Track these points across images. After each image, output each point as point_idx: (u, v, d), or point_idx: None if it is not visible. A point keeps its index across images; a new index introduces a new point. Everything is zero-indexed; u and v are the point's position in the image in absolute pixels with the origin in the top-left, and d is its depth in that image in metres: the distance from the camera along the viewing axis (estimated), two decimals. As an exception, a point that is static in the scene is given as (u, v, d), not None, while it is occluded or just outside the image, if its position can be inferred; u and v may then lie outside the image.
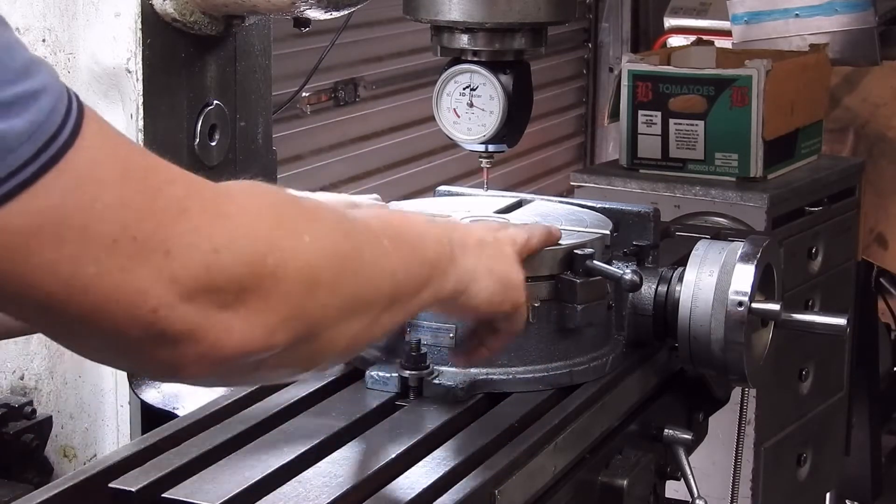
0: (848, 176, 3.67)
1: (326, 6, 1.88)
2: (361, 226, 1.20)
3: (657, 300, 1.73)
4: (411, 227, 1.31)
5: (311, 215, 1.12)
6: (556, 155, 5.15)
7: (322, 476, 1.34)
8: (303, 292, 1.07)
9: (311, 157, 3.80)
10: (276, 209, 1.08)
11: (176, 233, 0.97)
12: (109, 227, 0.94)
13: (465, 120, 1.77)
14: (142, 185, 0.97)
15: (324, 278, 1.10)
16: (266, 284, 1.03)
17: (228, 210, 1.03)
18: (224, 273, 1.00)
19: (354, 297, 1.15)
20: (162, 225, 0.97)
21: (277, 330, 1.05)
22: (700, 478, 1.79)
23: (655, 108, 3.41)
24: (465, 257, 1.37)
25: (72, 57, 1.88)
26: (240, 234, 1.02)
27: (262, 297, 1.03)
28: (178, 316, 0.98)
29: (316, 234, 1.10)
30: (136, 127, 1.88)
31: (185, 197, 1.00)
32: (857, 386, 4.00)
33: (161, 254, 0.96)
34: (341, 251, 1.13)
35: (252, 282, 1.02)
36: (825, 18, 3.94)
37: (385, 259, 1.22)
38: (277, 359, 1.08)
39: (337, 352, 1.18)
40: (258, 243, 1.03)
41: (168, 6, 1.86)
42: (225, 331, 1.01)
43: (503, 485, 1.38)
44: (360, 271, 1.16)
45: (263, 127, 2.10)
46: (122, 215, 0.95)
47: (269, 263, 1.03)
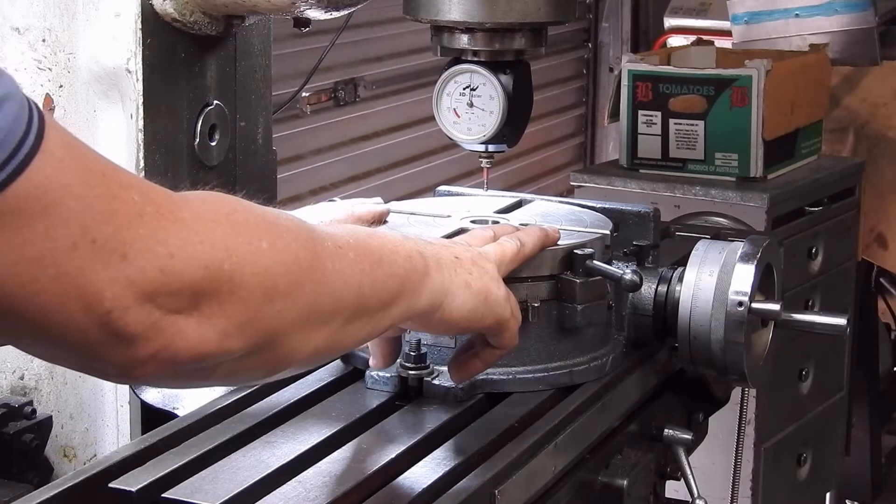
0: (848, 176, 3.67)
1: (326, 6, 1.88)
2: (326, 237, 1.20)
3: (657, 300, 1.73)
4: (381, 243, 1.31)
5: (270, 223, 1.13)
6: (556, 155, 5.15)
7: (322, 476, 1.34)
8: (259, 299, 1.08)
9: (311, 157, 3.81)
10: (232, 217, 1.08)
11: (132, 237, 0.99)
12: (70, 231, 0.96)
13: (465, 120, 1.77)
14: (101, 190, 0.98)
15: (281, 285, 1.10)
16: (222, 289, 1.04)
17: (183, 216, 1.03)
18: (179, 277, 1.01)
19: (314, 307, 1.15)
20: (119, 229, 0.98)
21: (232, 335, 1.06)
22: (700, 478, 1.79)
23: (655, 108, 3.41)
24: (439, 273, 1.36)
25: (72, 57, 1.88)
26: (195, 240, 1.03)
27: (217, 301, 1.04)
28: (132, 317, 0.99)
29: (274, 241, 1.11)
30: (136, 127, 1.88)
31: (141, 202, 1.01)
32: (857, 386, 4.00)
33: (118, 257, 0.98)
34: (301, 260, 1.14)
35: (207, 286, 1.03)
36: (825, 18, 3.94)
37: (349, 270, 1.21)
38: (235, 364, 1.10)
39: (298, 360, 1.18)
40: (215, 249, 1.04)
41: (168, 6, 1.86)
42: (179, 334, 1.02)
43: (503, 485, 1.38)
44: (321, 281, 1.16)
45: (263, 127, 2.10)
46: (83, 219, 0.97)
47: (226, 269, 1.05)
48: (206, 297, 1.03)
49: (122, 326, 0.99)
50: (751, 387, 1.85)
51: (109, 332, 0.99)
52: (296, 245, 1.14)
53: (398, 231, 1.65)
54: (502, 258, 1.50)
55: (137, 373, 1.03)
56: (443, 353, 1.59)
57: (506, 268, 1.49)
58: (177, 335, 1.02)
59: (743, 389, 2.09)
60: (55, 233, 0.95)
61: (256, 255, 1.08)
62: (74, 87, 1.88)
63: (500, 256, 1.49)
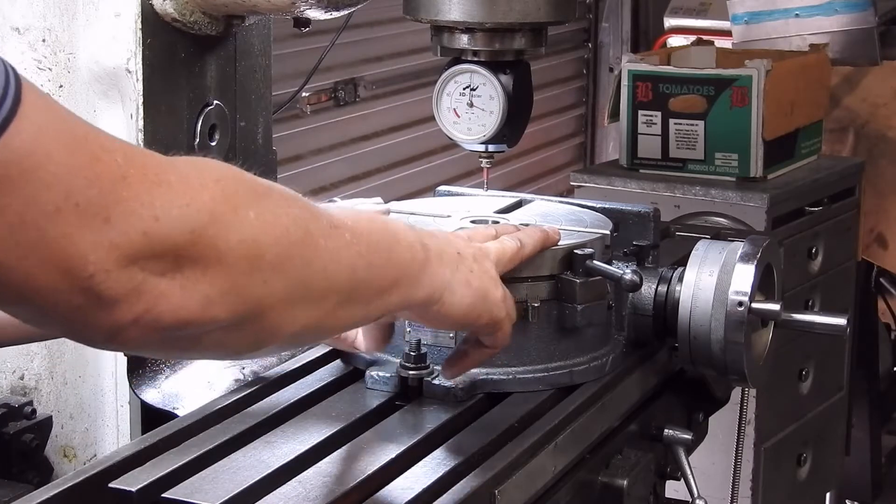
0: (848, 176, 3.67)
1: (326, 6, 1.88)
2: (321, 215, 1.19)
3: (657, 300, 1.73)
4: (384, 229, 1.29)
5: (260, 193, 1.11)
6: (556, 155, 5.15)
7: (322, 476, 1.34)
8: (244, 268, 1.06)
9: (311, 157, 3.81)
10: (221, 183, 1.07)
11: (115, 199, 0.98)
12: (53, 195, 0.95)
13: (465, 120, 1.77)
14: (84, 153, 0.97)
15: (268, 256, 1.09)
16: (206, 255, 1.03)
17: (169, 178, 1.02)
18: (163, 240, 1.00)
19: (303, 283, 1.14)
20: (103, 192, 0.97)
21: (216, 302, 1.05)
22: (700, 478, 1.79)
23: (655, 108, 3.41)
24: (441, 266, 1.35)
25: (72, 57, 1.88)
26: (181, 203, 1.02)
27: (201, 267, 1.03)
28: (114, 281, 0.98)
29: (263, 211, 1.09)
30: (136, 127, 1.88)
31: (125, 164, 0.99)
32: (857, 386, 4.00)
33: (101, 220, 0.97)
34: (291, 234, 1.12)
35: (192, 251, 1.02)
36: (825, 18, 3.94)
37: (344, 251, 1.20)
38: (222, 334, 1.08)
39: (284, 337, 1.17)
40: (200, 213, 1.03)
41: (168, 6, 1.86)
42: (162, 297, 1.01)
43: (503, 485, 1.38)
44: (312, 258, 1.15)
45: (263, 127, 2.10)
46: (66, 183, 0.96)
47: (210, 234, 1.03)
48: (191, 261, 1.02)
49: (105, 290, 0.98)
50: (751, 387, 1.85)
51: (92, 295, 0.98)
52: (286, 218, 1.12)
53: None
54: (501, 256, 1.49)
55: (122, 337, 1.02)
56: (443, 353, 1.59)
57: (503, 267, 1.49)
58: (160, 298, 1.01)
59: (743, 389, 2.09)
60: (38, 197, 0.94)
61: (243, 224, 1.07)
62: (74, 87, 1.88)
63: (499, 255, 1.49)
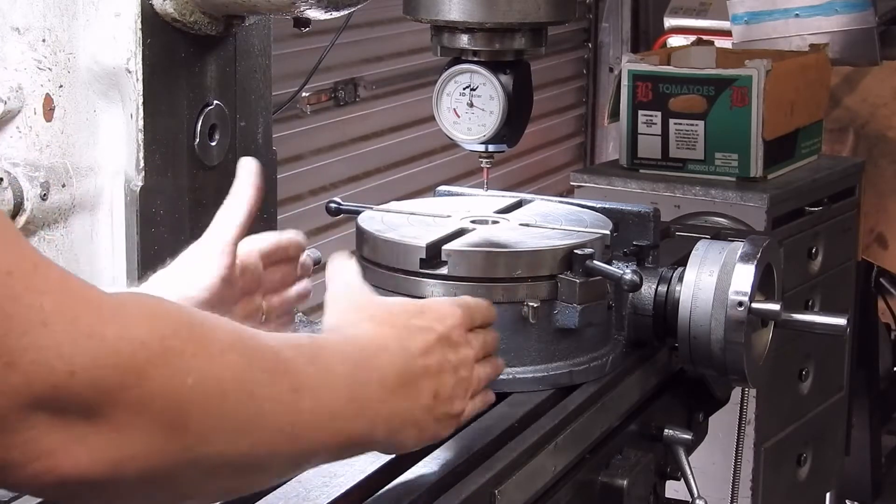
0: (848, 176, 3.67)
1: (326, 6, 1.88)
2: (274, 380, 1.07)
3: (657, 300, 1.73)
4: (351, 385, 1.17)
5: (211, 357, 1.01)
6: (556, 155, 5.15)
7: (322, 476, 1.34)
8: (164, 433, 0.97)
9: (311, 157, 3.80)
10: (166, 343, 0.97)
11: (24, 345, 0.89)
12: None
13: (465, 120, 1.77)
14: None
15: (193, 426, 0.99)
16: (122, 414, 0.94)
17: (104, 331, 0.93)
18: (76, 395, 0.91)
19: (231, 454, 1.04)
20: (11, 335, 0.88)
21: (125, 463, 0.96)
22: (700, 478, 1.79)
23: (655, 108, 3.41)
24: (389, 437, 1.24)
25: (72, 57, 1.87)
26: (108, 361, 0.93)
27: (113, 425, 0.94)
28: (10, 428, 0.90)
29: (204, 379, 0.99)
30: (136, 127, 1.88)
31: (53, 310, 0.91)
32: (857, 386, 4.01)
33: (1, 364, 0.88)
34: (231, 402, 1.02)
35: (107, 409, 0.93)
36: (825, 18, 3.94)
37: (289, 418, 1.09)
38: (129, 494, 1.00)
39: (200, 500, 1.09)
40: (126, 374, 0.94)
41: (168, 6, 1.86)
42: (65, 453, 0.92)
43: (503, 485, 1.38)
44: (248, 427, 1.04)
45: (263, 127, 2.10)
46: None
47: (131, 396, 0.94)
48: (104, 419, 0.93)
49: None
50: (751, 387, 1.85)
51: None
52: (228, 384, 1.02)
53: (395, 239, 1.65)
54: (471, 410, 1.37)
55: (17, 484, 0.94)
56: (443, 353, 1.59)
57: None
58: (62, 454, 0.92)
59: (743, 389, 2.09)
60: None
61: (175, 390, 0.97)
62: (74, 87, 1.88)
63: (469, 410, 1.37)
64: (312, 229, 3.70)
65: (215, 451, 1.02)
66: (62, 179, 1.87)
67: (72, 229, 1.90)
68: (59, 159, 1.87)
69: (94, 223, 1.92)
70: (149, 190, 1.90)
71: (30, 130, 1.85)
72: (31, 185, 1.83)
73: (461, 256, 1.60)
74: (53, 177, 1.86)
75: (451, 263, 1.60)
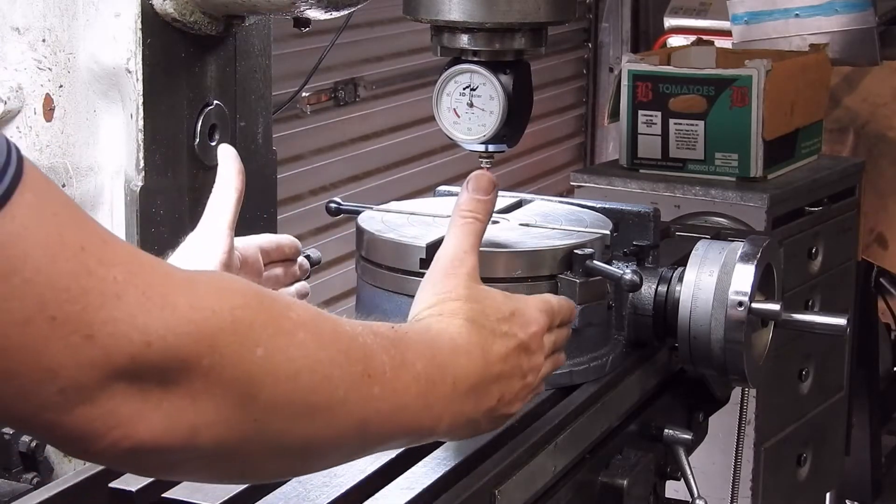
0: (848, 176, 3.67)
1: (326, 6, 1.88)
2: (361, 362, 1.09)
3: (657, 300, 1.73)
4: (427, 395, 1.18)
5: (283, 329, 1.02)
6: (556, 155, 5.15)
7: (322, 476, 1.34)
8: (235, 403, 0.99)
9: (311, 157, 3.81)
10: (237, 312, 0.99)
11: (103, 318, 0.91)
12: (24, 305, 0.88)
13: (465, 120, 1.77)
14: (72, 265, 0.90)
15: (262, 399, 1.00)
16: (196, 384, 0.96)
17: (176, 301, 0.95)
18: (152, 364, 0.93)
19: (298, 437, 1.05)
20: (88, 308, 0.90)
21: (201, 432, 0.97)
22: (700, 478, 1.79)
23: (655, 108, 3.41)
24: (463, 418, 1.25)
25: (72, 57, 1.88)
26: (182, 329, 0.94)
27: (189, 395, 0.96)
28: (90, 400, 0.91)
29: (275, 351, 1.01)
30: (137, 127, 1.88)
31: (125, 281, 0.92)
32: (857, 386, 4.00)
33: (81, 336, 0.90)
34: (301, 380, 1.03)
35: (181, 377, 0.95)
36: (825, 18, 3.94)
37: (363, 407, 1.10)
38: (202, 463, 1.02)
39: (269, 477, 1.12)
40: (199, 343, 0.96)
41: (168, 6, 1.86)
42: (143, 421, 0.94)
43: (503, 485, 1.38)
44: (318, 412, 1.05)
45: (263, 127, 2.10)
46: (42, 293, 0.88)
47: (204, 364, 0.96)
48: (178, 388, 0.95)
49: (79, 409, 0.91)
50: (751, 387, 1.85)
51: (64, 412, 0.91)
52: (302, 361, 1.03)
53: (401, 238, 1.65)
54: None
55: (96, 454, 0.95)
56: (443, 353, 1.59)
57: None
58: (140, 422, 0.94)
59: (743, 389, 2.09)
60: (7, 304, 0.87)
61: (244, 359, 0.99)
62: (74, 87, 1.88)
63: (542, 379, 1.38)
64: (312, 229, 3.70)
65: (284, 427, 1.03)
66: (62, 179, 1.87)
67: (72, 229, 1.89)
68: (59, 159, 1.87)
69: (94, 223, 1.92)
70: (149, 190, 1.90)
71: (30, 130, 1.85)
72: (31, 185, 1.83)
73: (461, 256, 1.60)
74: (53, 177, 1.86)
75: (451, 263, 1.60)
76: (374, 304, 1.65)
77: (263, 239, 1.66)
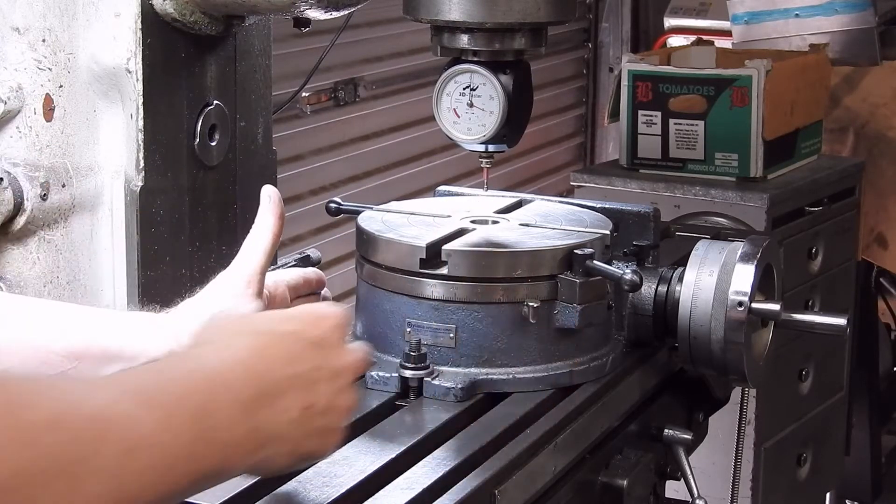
0: (848, 176, 3.67)
1: (326, 6, 1.88)
2: (93, 443, 0.96)
3: (657, 300, 1.73)
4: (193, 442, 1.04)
5: (19, 440, 0.92)
6: (556, 155, 5.15)
7: (322, 476, 1.34)
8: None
9: (311, 157, 3.81)
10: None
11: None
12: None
13: (465, 120, 1.77)
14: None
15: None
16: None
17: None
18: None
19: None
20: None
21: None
22: (700, 478, 1.79)
23: (655, 108, 3.41)
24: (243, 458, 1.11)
25: (72, 57, 1.88)
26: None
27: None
28: None
29: (17, 466, 0.90)
30: (136, 127, 1.88)
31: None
32: (857, 386, 4.00)
33: None
34: (49, 492, 0.92)
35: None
36: (825, 18, 3.94)
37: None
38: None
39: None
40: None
41: (168, 6, 1.86)
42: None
43: (503, 485, 1.38)
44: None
45: (263, 127, 2.10)
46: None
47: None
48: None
49: None
50: (751, 387, 1.85)
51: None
52: (55, 482, 0.92)
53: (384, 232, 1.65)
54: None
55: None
56: (443, 353, 1.59)
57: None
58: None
59: (743, 389, 2.09)
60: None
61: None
62: (74, 87, 1.88)
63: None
64: (312, 229, 3.71)
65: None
66: (62, 179, 1.87)
67: (72, 229, 1.90)
68: (59, 159, 1.87)
69: (94, 223, 1.92)
70: (149, 190, 1.90)
71: (30, 130, 1.85)
72: (31, 185, 1.83)
73: (461, 256, 1.60)
74: (53, 177, 1.86)
75: (452, 263, 1.60)
76: (374, 304, 1.65)
77: (291, 275, 1.65)
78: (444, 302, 1.60)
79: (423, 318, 1.60)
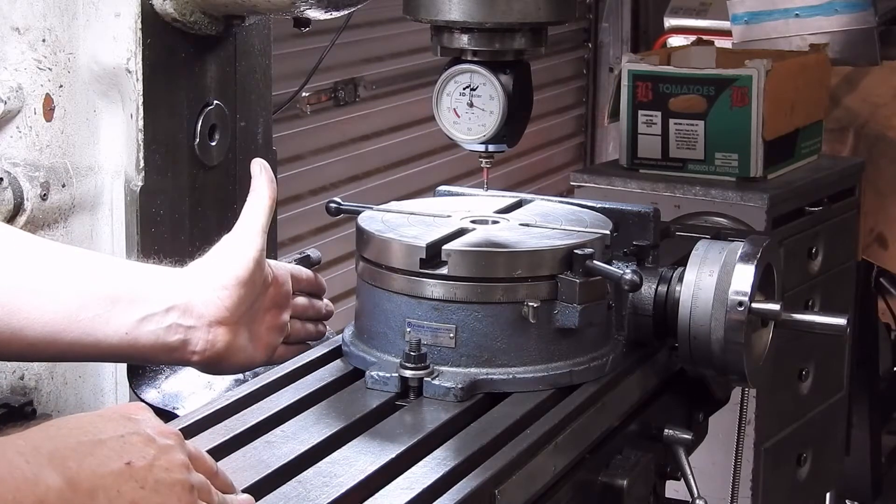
0: (848, 176, 3.68)
1: (326, 6, 1.88)
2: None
3: (657, 300, 1.73)
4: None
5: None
6: (556, 155, 5.15)
7: (322, 476, 1.34)
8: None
9: (311, 157, 3.81)
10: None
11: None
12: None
13: (465, 120, 1.77)
14: None
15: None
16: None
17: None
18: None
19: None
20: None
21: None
22: (700, 478, 1.79)
23: (655, 108, 3.42)
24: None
25: (72, 57, 1.88)
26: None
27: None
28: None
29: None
30: (136, 127, 1.88)
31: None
32: (857, 386, 4.01)
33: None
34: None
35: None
36: (825, 18, 3.94)
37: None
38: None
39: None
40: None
41: (168, 6, 1.86)
42: None
43: (503, 485, 1.38)
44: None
45: (263, 127, 2.10)
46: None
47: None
48: None
49: None
50: (751, 387, 1.85)
51: None
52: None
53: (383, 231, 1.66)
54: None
55: None
56: (443, 353, 1.59)
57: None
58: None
59: (743, 389, 2.09)
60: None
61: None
62: (74, 87, 1.88)
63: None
64: (312, 229, 3.71)
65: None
66: (62, 179, 1.87)
67: (72, 229, 1.90)
68: (59, 159, 1.87)
69: (94, 223, 1.92)
70: (149, 190, 1.90)
71: (30, 130, 1.85)
72: (31, 185, 1.83)
73: (461, 256, 1.60)
74: (53, 177, 1.86)
75: (451, 263, 1.60)
76: (374, 303, 1.65)
77: (296, 267, 1.75)
78: (444, 302, 1.60)
79: (423, 318, 1.60)
